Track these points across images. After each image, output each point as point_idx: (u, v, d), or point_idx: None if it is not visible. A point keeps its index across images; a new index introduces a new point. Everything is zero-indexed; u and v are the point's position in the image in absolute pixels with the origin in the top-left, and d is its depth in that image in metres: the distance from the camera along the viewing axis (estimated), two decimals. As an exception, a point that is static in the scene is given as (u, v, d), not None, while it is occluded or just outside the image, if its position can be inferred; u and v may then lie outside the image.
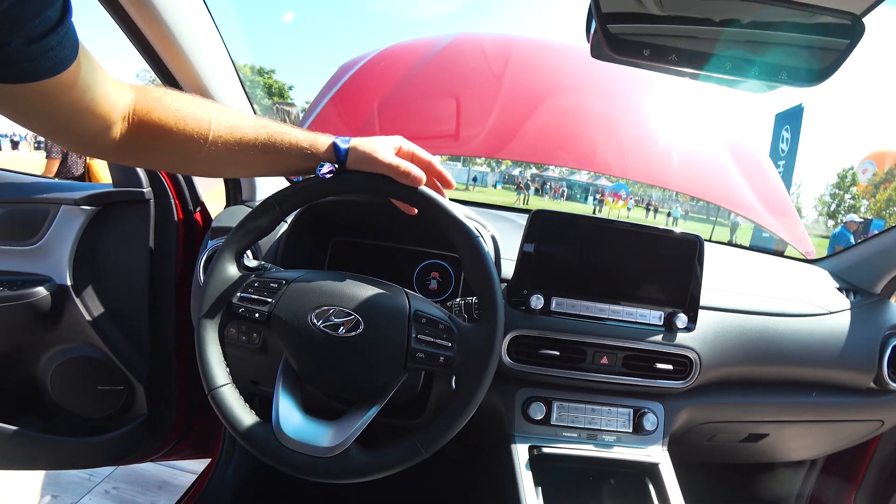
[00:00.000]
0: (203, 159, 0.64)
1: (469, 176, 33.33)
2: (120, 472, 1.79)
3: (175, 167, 0.69)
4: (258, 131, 0.66)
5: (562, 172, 36.72)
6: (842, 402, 1.08)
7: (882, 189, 32.52)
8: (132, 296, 1.15)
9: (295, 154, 0.67)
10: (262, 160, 0.67)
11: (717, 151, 1.60)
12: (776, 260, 1.49)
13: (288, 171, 0.72)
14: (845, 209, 34.35)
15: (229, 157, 0.65)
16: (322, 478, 0.61)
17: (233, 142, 0.64)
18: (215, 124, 0.63)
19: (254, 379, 1.01)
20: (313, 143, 0.68)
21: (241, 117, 0.66)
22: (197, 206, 1.21)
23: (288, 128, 0.68)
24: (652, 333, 0.90)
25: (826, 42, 0.58)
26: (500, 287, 0.65)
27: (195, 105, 0.63)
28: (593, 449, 0.88)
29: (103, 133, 0.57)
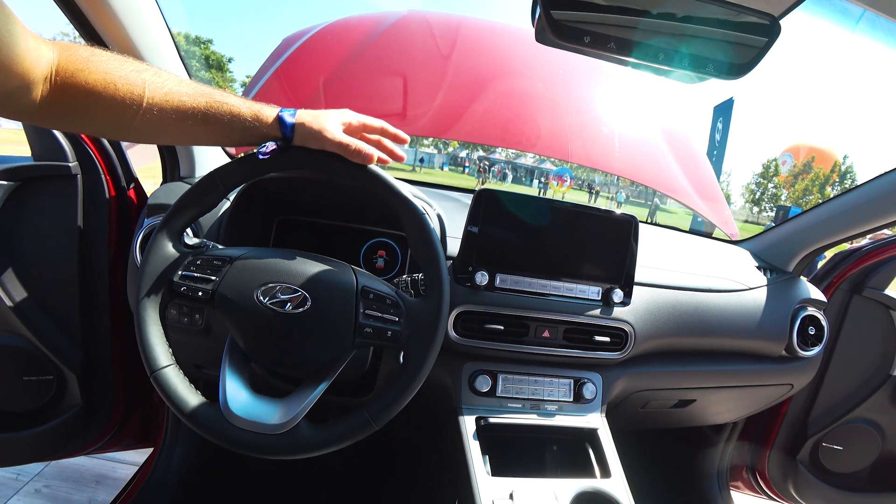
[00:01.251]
0: (136, 127, 0.60)
1: (416, 157, 33.07)
2: (51, 469, 1.68)
3: (104, 134, 0.63)
4: (197, 100, 0.62)
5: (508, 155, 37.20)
6: (758, 369, 1.18)
7: (800, 179, 35.40)
8: (60, 279, 1.08)
9: (238, 127, 0.64)
10: (201, 131, 0.64)
11: (654, 138, 1.68)
12: (704, 241, 1.60)
13: (230, 144, 0.68)
14: (768, 197, 37.13)
15: (165, 125, 0.61)
16: (272, 455, 0.61)
17: (169, 110, 0.60)
18: (150, 90, 0.58)
19: (197, 363, 0.98)
20: (257, 115, 0.65)
21: (179, 83, 0.61)
22: (130, 182, 1.14)
23: (230, 97, 0.64)
24: (590, 308, 0.96)
25: (747, 39, 0.63)
26: (445, 262, 0.67)
27: (128, 68, 0.58)
28: (537, 418, 0.93)
29: (20, 93, 0.52)
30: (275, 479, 1.41)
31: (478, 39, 1.29)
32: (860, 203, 1.14)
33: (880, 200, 1.09)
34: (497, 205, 0.90)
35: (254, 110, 0.65)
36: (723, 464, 1.60)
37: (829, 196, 13.37)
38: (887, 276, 1.38)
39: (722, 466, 1.60)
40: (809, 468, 1.49)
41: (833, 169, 34.53)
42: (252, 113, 0.64)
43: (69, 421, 1.15)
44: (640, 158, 1.52)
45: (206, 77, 32.33)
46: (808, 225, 1.27)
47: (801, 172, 35.55)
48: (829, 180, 34.26)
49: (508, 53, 1.31)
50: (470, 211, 0.90)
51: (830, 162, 34.90)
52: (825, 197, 32.02)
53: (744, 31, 0.63)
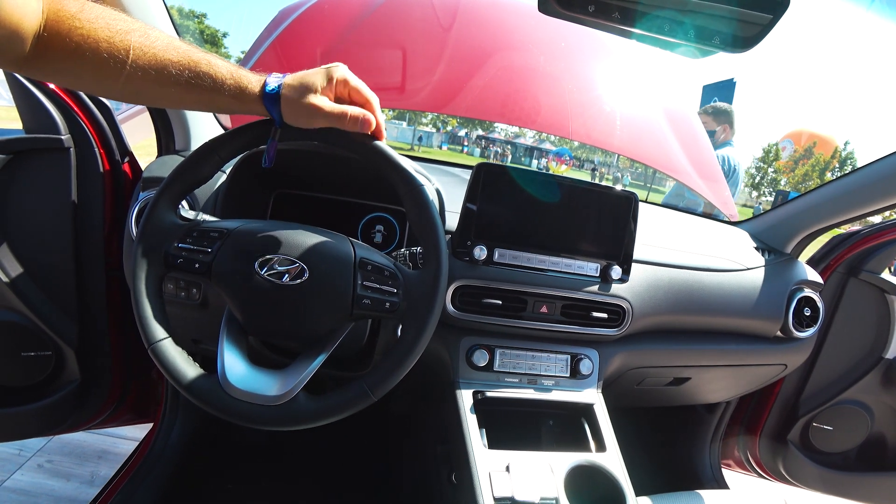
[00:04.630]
0: (119, 89, 0.59)
1: (414, 136, 32.79)
2: (53, 445, 1.70)
3: (87, 90, 0.62)
4: (182, 65, 0.60)
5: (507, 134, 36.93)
6: (753, 349, 1.20)
7: (800, 165, 35.31)
8: (55, 253, 1.07)
9: (223, 95, 0.62)
10: (186, 97, 0.62)
11: (655, 117, 1.66)
12: (703, 221, 1.60)
13: (218, 111, 0.67)
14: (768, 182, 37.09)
15: (149, 90, 0.60)
16: (271, 426, 0.61)
17: (153, 75, 0.58)
18: (135, 53, 0.57)
19: (195, 337, 0.98)
20: (240, 84, 0.62)
21: (167, 48, 0.59)
22: (125, 156, 1.12)
23: (219, 63, 0.62)
24: (588, 284, 0.96)
25: (755, 11, 0.62)
26: (443, 234, 0.67)
27: (115, 28, 0.56)
28: (533, 392, 0.94)
29: (7, 44, 0.50)
30: (272, 452, 1.43)
31: (479, 12, 1.26)
32: (860, 186, 1.14)
33: (880, 183, 1.09)
34: (496, 178, 0.89)
35: (237, 80, 0.62)
36: (715, 442, 1.62)
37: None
38: (884, 259, 1.39)
39: (714, 445, 1.63)
40: (799, 447, 1.52)
41: (833, 155, 34.47)
42: (235, 83, 0.62)
43: (67, 396, 1.15)
44: (641, 137, 1.51)
45: (201, 54, 31.67)
46: (807, 207, 1.27)
47: (801, 158, 35.46)
48: (829, 166, 34.20)
49: (510, 27, 1.28)
50: (469, 184, 0.89)
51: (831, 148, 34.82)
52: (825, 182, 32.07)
53: (753, 4, 0.62)
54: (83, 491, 1.55)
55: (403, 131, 32.94)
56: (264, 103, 0.63)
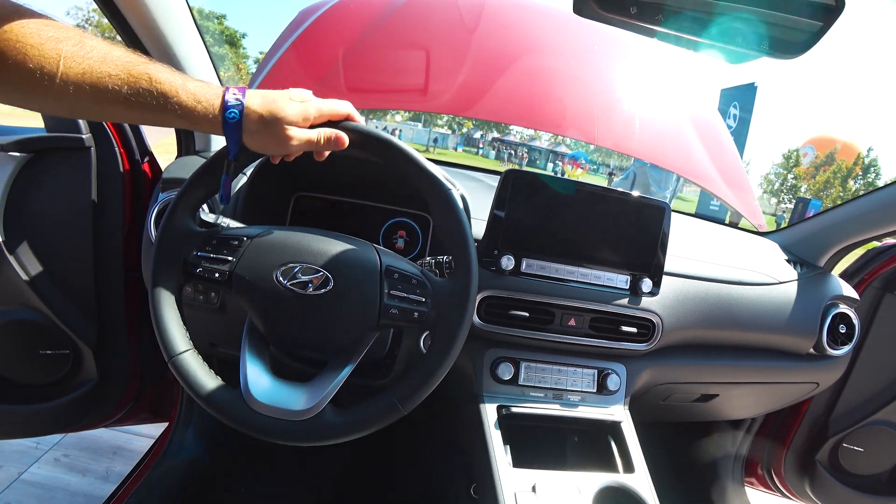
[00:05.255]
0: (51, 103, 0.53)
1: (430, 137, 32.84)
2: (70, 439, 1.71)
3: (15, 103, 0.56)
4: (121, 82, 0.52)
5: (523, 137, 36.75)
6: (785, 366, 1.15)
7: (821, 171, 34.56)
8: (75, 253, 1.07)
9: (170, 114, 0.55)
10: (128, 115, 0.55)
11: (681, 123, 1.62)
12: (731, 231, 1.55)
13: (166, 126, 0.60)
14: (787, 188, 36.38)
15: (83, 104, 0.53)
16: (297, 441, 0.59)
17: (87, 90, 0.52)
18: (66, 64, 0.50)
19: (212, 340, 0.97)
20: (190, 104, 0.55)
21: (104, 59, 0.52)
22: (145, 156, 1.12)
23: (163, 77, 0.54)
24: (618, 297, 0.92)
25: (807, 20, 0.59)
26: (473, 242, 0.64)
27: (46, 34, 0.50)
28: (559, 408, 0.91)
29: None
30: (287, 457, 1.41)
31: (504, 13, 1.23)
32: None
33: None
34: (525, 186, 0.86)
35: (186, 98, 0.54)
36: (738, 459, 1.58)
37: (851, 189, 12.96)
38: (922, 275, 1.33)
39: (737, 462, 1.58)
40: (828, 468, 1.46)
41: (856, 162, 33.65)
42: (182, 101, 0.54)
43: (85, 395, 1.15)
44: (667, 143, 1.46)
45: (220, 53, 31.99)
46: (843, 219, 1.22)
47: (822, 164, 34.66)
48: (853, 173, 33.37)
49: (536, 29, 1.25)
50: (497, 192, 0.86)
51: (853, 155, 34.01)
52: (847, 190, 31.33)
53: (804, 9, 0.58)
54: (98, 487, 1.55)
55: (419, 133, 33.01)
56: (224, 130, 0.57)
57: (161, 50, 0.93)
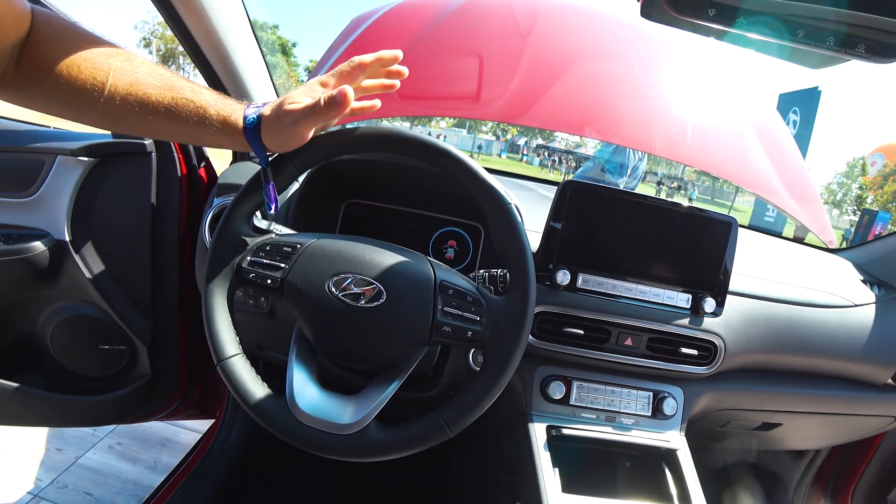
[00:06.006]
0: (99, 115, 0.55)
1: (474, 144, 32.86)
2: (123, 428, 1.80)
3: (65, 115, 0.59)
4: (164, 94, 0.56)
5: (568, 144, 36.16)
6: (859, 396, 1.06)
7: (890, 181, 32.16)
8: (134, 254, 1.11)
9: (207, 127, 0.58)
10: (167, 127, 0.58)
11: (743, 130, 1.53)
12: (797, 247, 1.45)
13: (201, 144, 0.63)
14: (851, 199, 34.06)
15: (128, 116, 0.56)
16: (340, 455, 0.58)
17: (133, 101, 0.55)
18: (115, 77, 0.53)
19: (259, 344, 0.98)
20: (226, 118, 0.58)
21: (150, 73, 0.56)
22: (201, 161, 1.15)
23: (203, 94, 0.58)
24: (678, 317, 0.87)
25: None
26: (532, 258, 0.61)
27: (98, 51, 0.53)
28: (612, 431, 0.86)
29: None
30: (327, 463, 1.42)
31: (560, 17, 1.19)
32: None
33: None
34: (583, 198, 0.83)
35: (221, 110, 0.58)
36: (798, 494, 1.46)
37: (924, 201, 11.84)
38: None
39: (798, 496, 1.47)
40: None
41: (932, 172, 31.12)
42: (218, 113, 0.58)
43: (138, 389, 1.19)
44: (730, 154, 1.38)
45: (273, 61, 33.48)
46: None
47: (891, 174, 32.22)
48: (928, 185, 30.88)
49: (592, 33, 1.21)
50: (554, 202, 0.83)
51: (928, 163, 31.48)
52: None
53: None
54: (146, 476, 1.62)
55: (463, 139, 33.13)
56: (246, 138, 0.58)
57: (223, 60, 0.95)
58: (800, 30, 0.57)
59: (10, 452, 1.61)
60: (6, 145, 1.06)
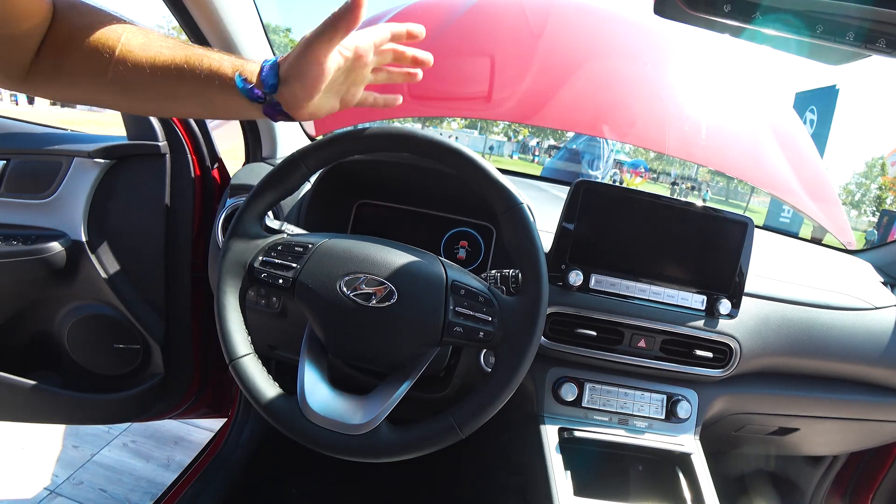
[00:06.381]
0: (110, 81, 0.54)
1: (486, 144, 32.74)
2: (137, 426, 1.83)
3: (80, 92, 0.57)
4: (175, 52, 0.54)
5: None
6: (879, 402, 1.03)
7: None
8: (148, 254, 1.12)
9: (217, 83, 0.55)
10: (179, 89, 0.56)
11: (761, 131, 1.50)
12: (815, 248, 1.42)
13: (210, 106, 0.59)
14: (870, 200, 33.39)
15: (139, 79, 0.54)
16: (351, 456, 0.58)
17: (144, 60, 0.53)
18: (126, 37, 0.53)
19: (271, 343, 0.98)
20: (240, 69, 0.55)
21: (162, 37, 0.55)
22: (214, 162, 1.16)
23: (214, 53, 0.56)
24: (693, 318, 0.86)
25: None
26: (545, 259, 0.60)
27: (110, 17, 0.53)
28: (625, 434, 0.85)
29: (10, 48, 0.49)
30: (338, 463, 1.42)
31: (572, 17, 1.18)
32: None
33: None
34: (596, 198, 0.82)
35: (236, 65, 0.55)
36: (816, 502, 1.43)
37: (945, 202, 11.56)
38: None
39: (815, 503, 1.43)
40: (924, 516, 1.30)
41: (954, 172, 30.35)
42: (234, 68, 0.55)
43: (152, 388, 1.20)
44: (746, 154, 1.36)
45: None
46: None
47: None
48: (949, 185, 30.14)
49: (604, 33, 1.19)
50: (567, 202, 0.82)
51: (950, 163, 30.70)
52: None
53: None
54: (159, 474, 1.64)
55: (475, 140, 33.00)
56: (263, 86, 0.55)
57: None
58: (818, 25, 0.56)
59: (27, 449, 1.64)
60: (25, 148, 1.08)
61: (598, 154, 2.59)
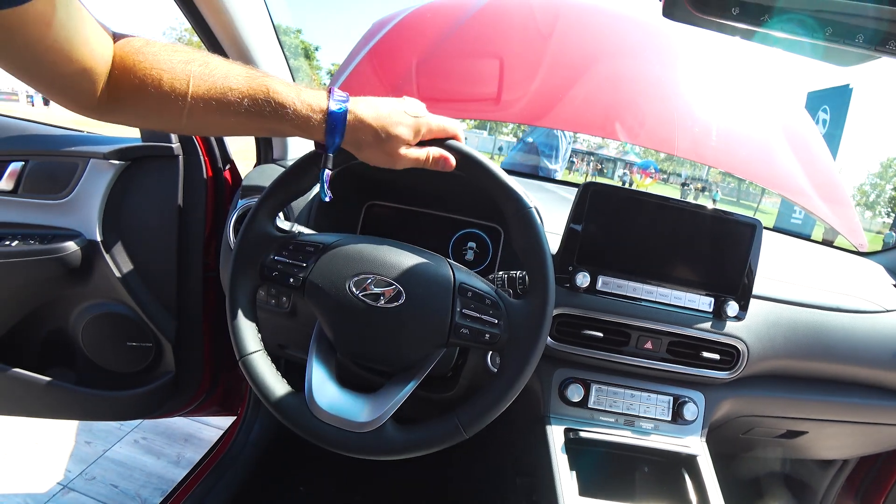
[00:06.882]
0: (186, 122, 0.56)
1: (495, 145, 32.66)
2: (148, 424, 1.85)
3: (158, 128, 0.61)
4: (242, 95, 0.56)
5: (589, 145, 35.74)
6: (890, 406, 1.02)
7: (927, 182, 30.92)
8: (161, 254, 1.14)
9: (286, 124, 0.58)
10: (248, 125, 0.59)
11: (771, 131, 1.49)
12: (826, 250, 1.41)
13: (282, 135, 0.64)
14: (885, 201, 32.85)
15: (213, 119, 0.57)
16: (356, 454, 0.59)
17: (214, 105, 0.56)
18: (194, 83, 0.55)
19: (281, 343, 1.00)
20: (305, 120, 0.57)
21: (226, 75, 0.56)
22: (226, 163, 1.18)
23: (280, 88, 0.57)
24: (700, 320, 0.86)
25: None
26: (552, 262, 0.61)
27: (175, 59, 0.55)
28: (631, 435, 0.85)
29: (79, 81, 0.50)
30: (346, 462, 1.44)
31: (582, 17, 1.18)
32: None
33: None
34: (604, 199, 0.82)
35: (301, 109, 0.57)
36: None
37: (963, 202, 11.33)
38: None
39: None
40: (936, 523, 1.28)
41: (969, 172, 29.77)
42: (297, 110, 0.57)
43: (163, 386, 1.22)
44: (756, 155, 1.35)
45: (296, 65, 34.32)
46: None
47: (929, 174, 30.96)
48: (964, 185, 29.57)
49: (614, 34, 1.19)
50: (574, 204, 0.83)
51: (966, 164, 30.12)
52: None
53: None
54: (170, 470, 1.66)
55: (484, 141, 32.91)
56: (326, 130, 0.58)
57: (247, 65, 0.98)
58: (827, 27, 0.55)
59: (41, 444, 1.67)
60: (43, 149, 1.10)
61: (555, 146, 2.58)
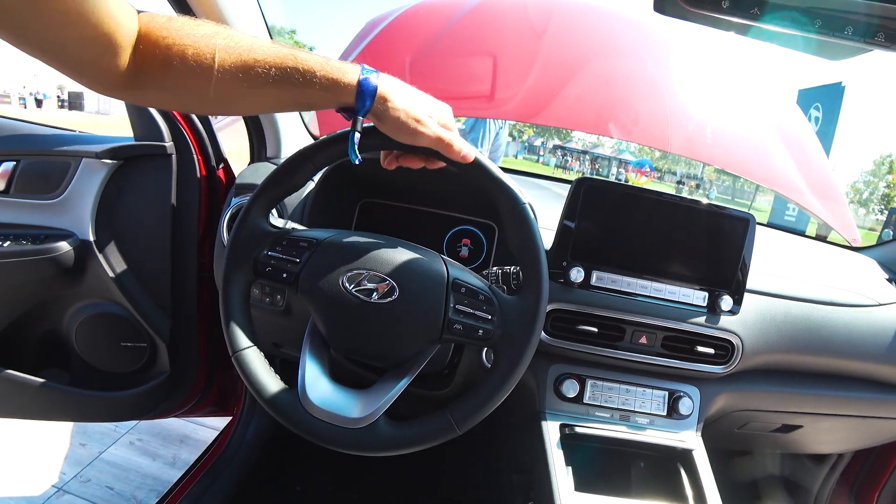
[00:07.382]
0: (213, 95, 0.56)
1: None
2: (143, 425, 1.84)
3: (186, 107, 0.59)
4: (269, 62, 0.56)
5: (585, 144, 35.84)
6: (883, 399, 1.03)
7: (920, 180, 31.16)
8: (154, 253, 1.13)
9: (314, 88, 0.57)
10: (275, 96, 0.59)
11: (764, 127, 1.50)
12: (820, 245, 1.42)
13: (308, 107, 0.64)
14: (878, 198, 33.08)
15: (239, 93, 0.57)
16: (348, 450, 0.59)
17: (241, 77, 0.55)
18: (220, 57, 0.54)
19: (276, 341, 0.99)
20: (334, 83, 0.57)
21: (251, 47, 0.56)
22: (220, 162, 1.17)
23: (308, 56, 0.58)
24: (694, 315, 0.86)
25: None
26: (545, 258, 0.61)
27: (199, 33, 0.54)
28: (626, 430, 0.85)
29: (106, 59, 0.49)
30: (343, 460, 1.44)
31: (574, 15, 1.19)
32: None
33: None
34: (597, 195, 0.82)
35: (330, 78, 0.57)
36: (821, 500, 1.43)
37: (956, 200, 11.50)
38: None
39: (819, 501, 1.43)
40: (930, 514, 1.29)
41: (962, 170, 30.02)
42: (325, 75, 0.57)
43: (158, 386, 1.22)
44: (750, 152, 1.35)
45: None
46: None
47: (923, 172, 31.19)
48: (957, 183, 29.79)
49: (607, 31, 1.20)
50: (568, 200, 0.83)
51: (959, 162, 30.36)
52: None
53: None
54: (165, 471, 1.65)
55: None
56: (357, 94, 0.58)
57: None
58: (817, 20, 0.56)
59: (35, 446, 1.66)
60: (35, 149, 1.09)
61: (484, 130, 2.60)
